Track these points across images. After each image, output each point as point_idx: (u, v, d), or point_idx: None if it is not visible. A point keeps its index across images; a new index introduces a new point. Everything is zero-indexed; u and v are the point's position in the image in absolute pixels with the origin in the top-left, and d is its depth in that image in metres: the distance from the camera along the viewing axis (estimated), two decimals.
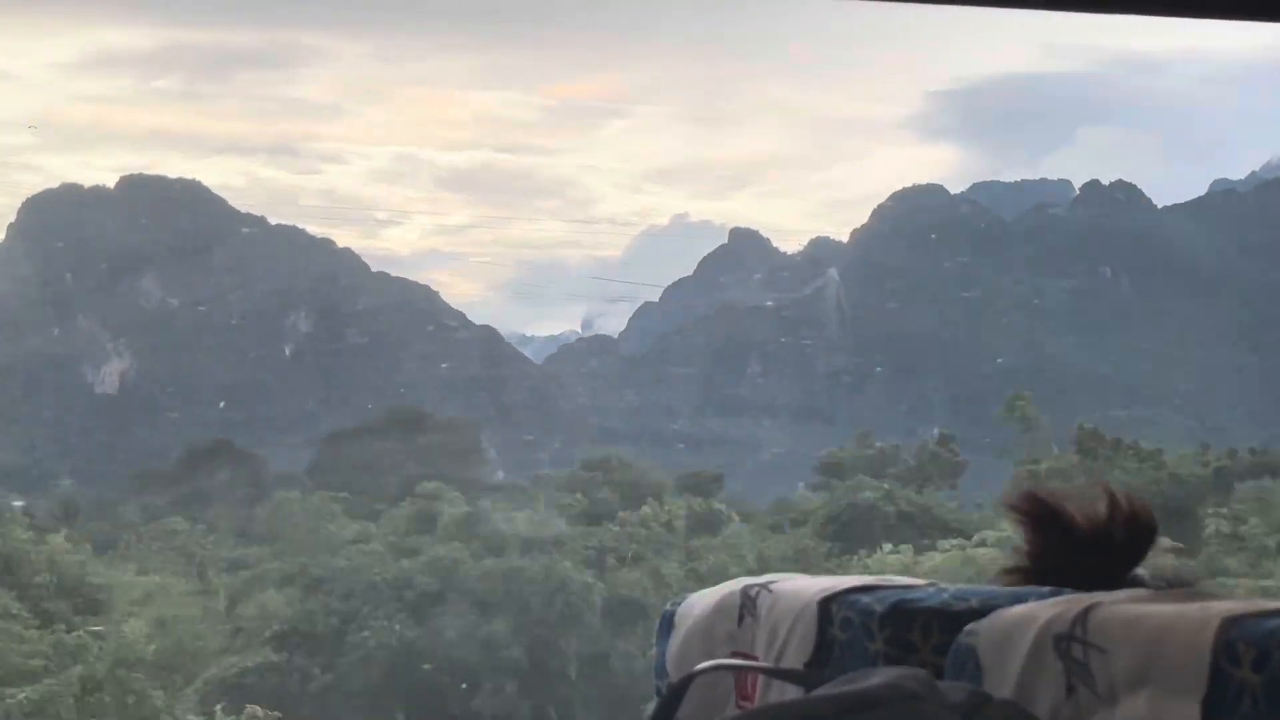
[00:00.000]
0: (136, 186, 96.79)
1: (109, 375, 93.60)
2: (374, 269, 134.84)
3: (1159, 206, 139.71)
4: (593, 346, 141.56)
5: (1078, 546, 2.76)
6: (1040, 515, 2.79)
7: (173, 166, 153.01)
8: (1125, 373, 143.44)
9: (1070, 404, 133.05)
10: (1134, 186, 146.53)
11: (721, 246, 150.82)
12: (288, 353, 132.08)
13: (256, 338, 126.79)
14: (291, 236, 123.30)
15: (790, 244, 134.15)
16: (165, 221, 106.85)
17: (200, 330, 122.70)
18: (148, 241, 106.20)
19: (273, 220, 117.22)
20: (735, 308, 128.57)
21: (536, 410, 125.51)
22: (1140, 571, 2.75)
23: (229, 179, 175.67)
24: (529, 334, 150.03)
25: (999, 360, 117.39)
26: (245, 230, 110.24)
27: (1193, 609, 2.32)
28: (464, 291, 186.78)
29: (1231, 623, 2.27)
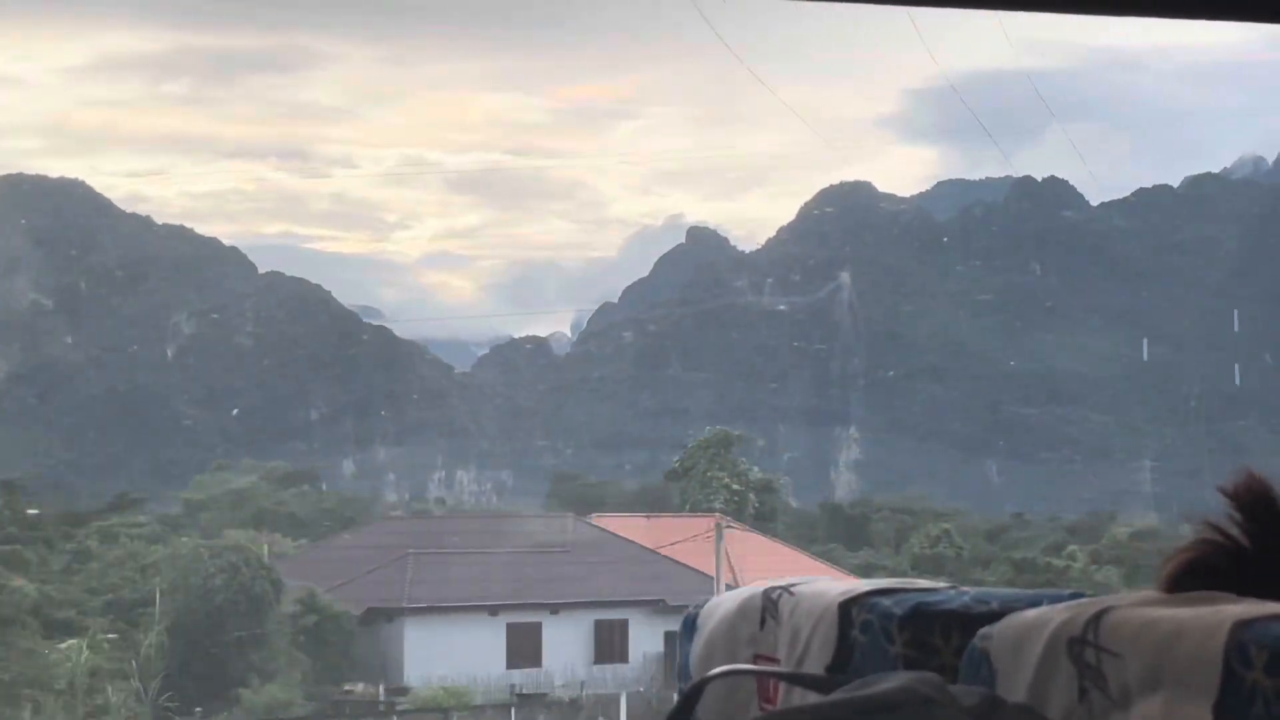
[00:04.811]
0: (15, 185, 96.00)
1: None
2: (262, 269, 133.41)
3: (1094, 204, 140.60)
4: (533, 350, 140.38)
5: None
6: (1260, 499, 2.79)
7: (182, 171, 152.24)
8: (1047, 369, 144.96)
9: (989, 402, 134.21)
10: (1068, 183, 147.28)
11: (678, 246, 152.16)
12: (170, 354, 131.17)
13: (138, 339, 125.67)
14: (178, 235, 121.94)
15: (749, 244, 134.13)
16: (44, 221, 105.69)
17: (78, 331, 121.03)
18: (22, 241, 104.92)
19: (158, 220, 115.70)
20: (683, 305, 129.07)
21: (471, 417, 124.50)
22: None
23: (240, 183, 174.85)
24: (516, 335, 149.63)
25: (926, 357, 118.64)
26: (129, 230, 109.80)
27: (1204, 612, 2.44)
28: (463, 293, 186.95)
29: (1242, 626, 2.37)
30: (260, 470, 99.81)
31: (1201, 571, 2.79)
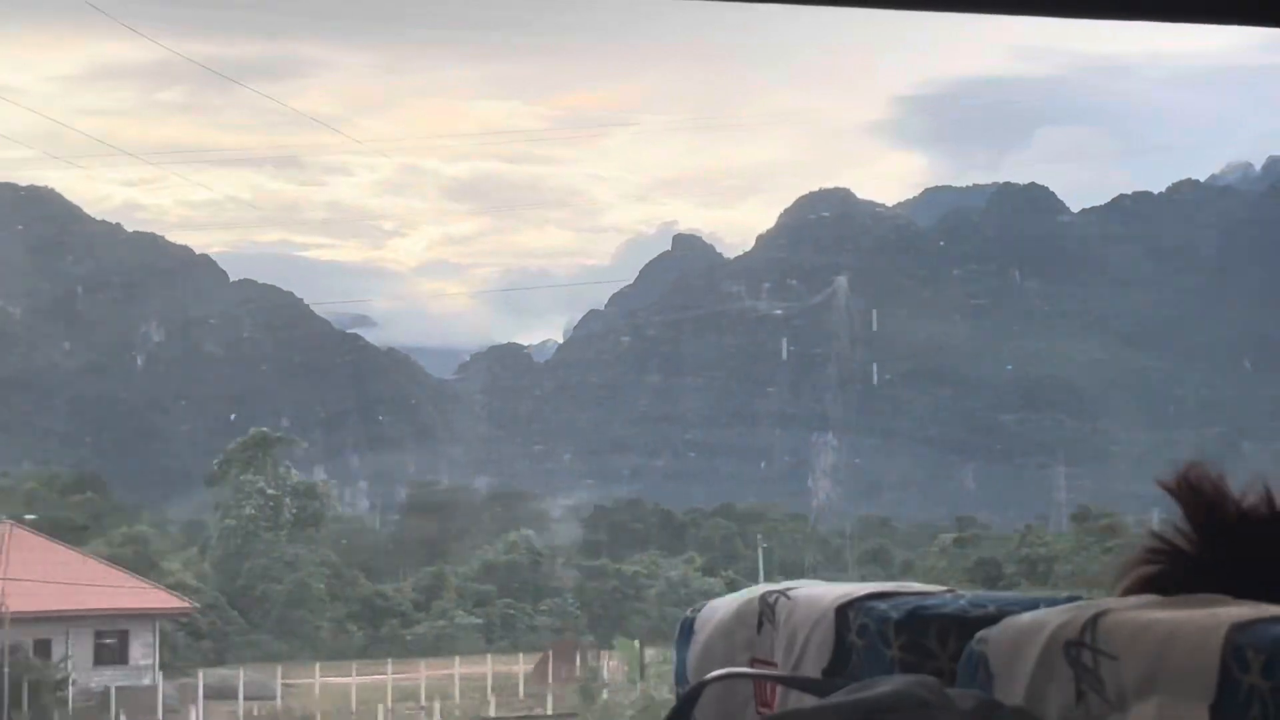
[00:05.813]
0: None
1: None
2: (233, 278, 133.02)
3: (1074, 210, 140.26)
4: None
5: (1236, 535, 2.79)
6: (1200, 496, 2.79)
7: (178, 179, 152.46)
8: (1024, 376, 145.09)
9: (963, 408, 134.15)
10: (1048, 189, 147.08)
11: (664, 254, 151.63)
12: (140, 362, 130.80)
13: (107, 347, 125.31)
14: (148, 243, 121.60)
15: (740, 251, 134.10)
16: (13, 227, 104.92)
17: (48, 338, 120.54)
18: None
19: (129, 227, 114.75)
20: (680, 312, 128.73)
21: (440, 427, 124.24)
22: None
23: (237, 191, 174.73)
24: (509, 342, 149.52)
25: (909, 363, 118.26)
26: (99, 236, 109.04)
27: (1200, 615, 2.45)
28: (459, 301, 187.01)
29: (1239, 629, 2.39)
30: (39, 478, 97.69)
31: (1153, 585, 2.80)
